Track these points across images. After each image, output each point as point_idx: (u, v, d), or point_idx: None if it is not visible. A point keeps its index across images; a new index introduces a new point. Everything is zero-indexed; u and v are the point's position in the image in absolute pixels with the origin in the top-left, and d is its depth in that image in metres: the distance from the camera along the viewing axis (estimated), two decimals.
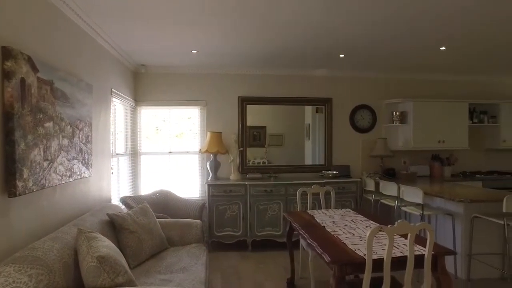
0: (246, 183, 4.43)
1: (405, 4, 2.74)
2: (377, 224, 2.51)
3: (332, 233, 2.46)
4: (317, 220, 2.86)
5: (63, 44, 2.54)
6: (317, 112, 5.23)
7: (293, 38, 3.56)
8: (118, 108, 4.17)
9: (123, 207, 3.69)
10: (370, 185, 4.60)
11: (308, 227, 2.65)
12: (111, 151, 3.70)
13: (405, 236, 2.11)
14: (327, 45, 3.82)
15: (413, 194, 3.59)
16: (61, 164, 2.37)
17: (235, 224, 4.43)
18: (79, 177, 2.69)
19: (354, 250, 2.09)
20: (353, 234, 2.42)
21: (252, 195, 4.40)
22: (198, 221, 3.42)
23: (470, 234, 3.38)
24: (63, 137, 2.40)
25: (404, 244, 2.14)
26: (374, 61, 4.63)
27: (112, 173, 3.76)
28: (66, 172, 2.45)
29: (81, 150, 2.74)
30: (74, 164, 2.59)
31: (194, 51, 4.04)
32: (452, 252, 2.08)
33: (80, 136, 2.73)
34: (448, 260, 2.92)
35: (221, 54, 4.18)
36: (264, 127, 5.07)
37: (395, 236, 1.87)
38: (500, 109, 5.40)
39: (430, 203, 3.82)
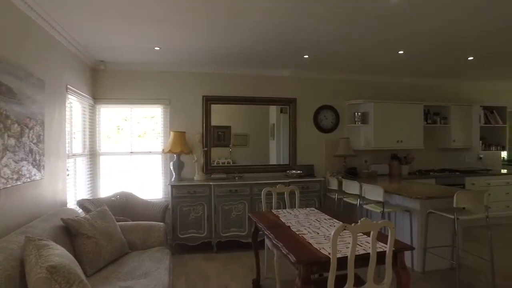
0: (211, 183, 4.36)
1: (366, 11, 2.82)
2: (341, 223, 2.55)
3: (297, 232, 2.48)
4: (282, 220, 2.87)
5: (8, 35, 2.34)
6: (281, 112, 5.27)
7: (259, 37, 3.55)
8: (75, 106, 3.94)
9: (80, 210, 3.48)
10: (334, 184, 4.71)
11: (274, 227, 2.65)
12: (67, 152, 3.48)
13: (367, 233, 2.16)
14: (292, 45, 3.85)
15: (374, 192, 3.71)
16: (6, 166, 2.18)
17: (200, 226, 4.34)
18: (28, 180, 2.50)
19: (319, 249, 2.11)
20: (318, 233, 2.45)
21: (217, 195, 4.34)
22: (161, 223, 3.31)
23: (425, 229, 3.56)
24: (8, 136, 2.21)
25: (367, 242, 2.20)
26: (337, 63, 4.75)
27: (68, 175, 3.54)
28: (12, 175, 2.26)
29: (31, 150, 2.54)
30: (22, 166, 2.40)
31: (157, 48, 3.91)
32: (411, 248, 2.16)
33: (30, 135, 2.53)
34: (406, 255, 3.05)
35: (186, 52, 4.08)
36: (229, 127, 5.02)
37: (358, 234, 1.90)
38: (451, 111, 5.75)
39: (390, 201, 3.98)
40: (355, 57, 4.40)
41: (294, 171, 4.95)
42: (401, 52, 4.10)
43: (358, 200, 4.05)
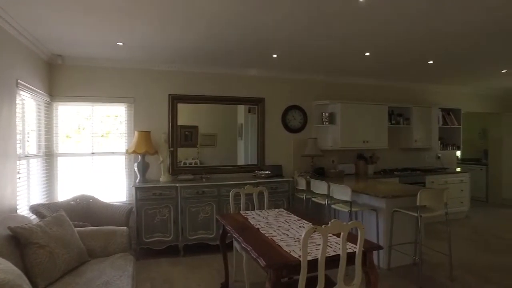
0: (177, 185, 4.21)
1: (334, 12, 2.83)
2: (310, 224, 2.54)
3: (267, 235, 2.43)
4: (251, 222, 2.81)
5: None
6: (249, 112, 5.22)
7: (227, 35, 3.47)
8: (29, 103, 3.65)
9: (33, 217, 3.23)
10: (302, 184, 4.73)
11: (242, 230, 2.59)
12: (17, 153, 3.21)
13: (337, 234, 2.15)
14: (261, 44, 3.81)
15: (342, 192, 3.75)
16: None
17: (166, 229, 4.18)
18: None
19: (289, 251, 2.07)
20: (287, 235, 2.41)
21: (184, 197, 4.20)
22: (124, 228, 3.14)
23: (391, 227, 3.65)
24: None
25: (337, 243, 2.19)
26: (305, 63, 4.77)
27: (19, 177, 3.27)
28: None
29: None
30: None
31: (119, 43, 3.71)
32: (379, 247, 2.18)
33: None
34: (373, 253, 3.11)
35: (150, 48, 3.91)
36: (196, 127, 4.89)
37: (328, 235, 1.89)
38: (412, 112, 5.98)
39: (357, 200, 4.04)
40: (323, 58, 4.43)
41: (262, 172, 4.92)
42: (367, 54, 4.19)
43: (326, 200, 4.09)
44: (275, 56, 4.30)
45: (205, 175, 4.67)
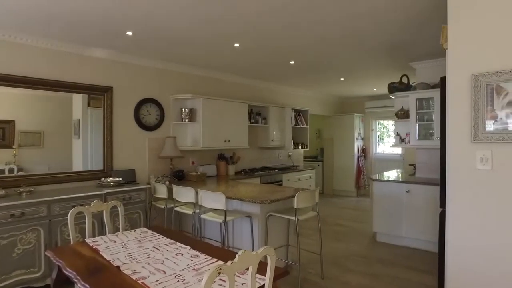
0: None
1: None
2: (189, 248, 1.96)
3: (134, 277, 1.69)
4: (105, 256, 1.97)
5: None
6: (89, 105, 4.11)
7: None
8: None
9: None
10: (162, 192, 4.01)
11: (93, 274, 1.75)
12: None
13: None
14: (113, 17, 2.91)
15: (214, 200, 3.26)
16: None
17: None
18: None
19: None
20: (165, 272, 1.74)
21: None
22: None
23: (266, 232, 3.40)
24: None
25: (238, 276, 1.67)
26: (165, 49, 4.06)
27: None
28: None
29: None
30: None
31: None
32: (286, 273, 1.79)
33: None
34: None
35: None
36: (11, 122, 3.48)
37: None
38: (269, 111, 6.08)
39: (228, 206, 3.64)
40: (186, 44, 3.84)
41: (111, 179, 3.93)
42: (237, 45, 3.84)
43: (194, 209, 3.53)
44: (130, 34, 3.43)
45: (25, 188, 3.33)
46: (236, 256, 1.33)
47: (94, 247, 2.14)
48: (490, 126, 2.16)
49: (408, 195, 4.30)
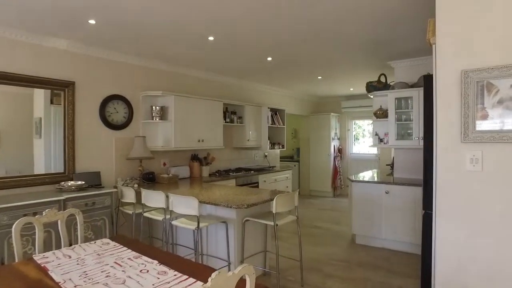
0: None
1: None
2: (155, 262, 1.71)
3: None
4: (54, 277, 1.67)
5: None
6: (52, 103, 3.73)
7: None
8: None
9: None
10: (129, 196, 3.69)
11: None
12: None
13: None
14: (73, 3, 2.59)
15: (186, 205, 3.00)
16: None
17: None
18: None
19: None
20: None
21: None
22: None
23: (242, 238, 3.18)
24: None
25: None
26: (133, 41, 3.74)
27: None
28: None
29: None
30: None
31: None
32: None
33: None
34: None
35: None
36: None
37: None
38: (245, 110, 5.86)
39: (201, 211, 3.38)
40: (156, 37, 3.55)
41: (72, 182, 3.57)
42: (211, 38, 3.59)
43: (164, 215, 3.24)
44: (92, 22, 3.09)
45: None
46: (209, 279, 1.10)
47: (42, 265, 1.83)
48: (480, 125, 2.04)
49: (388, 196, 4.22)
